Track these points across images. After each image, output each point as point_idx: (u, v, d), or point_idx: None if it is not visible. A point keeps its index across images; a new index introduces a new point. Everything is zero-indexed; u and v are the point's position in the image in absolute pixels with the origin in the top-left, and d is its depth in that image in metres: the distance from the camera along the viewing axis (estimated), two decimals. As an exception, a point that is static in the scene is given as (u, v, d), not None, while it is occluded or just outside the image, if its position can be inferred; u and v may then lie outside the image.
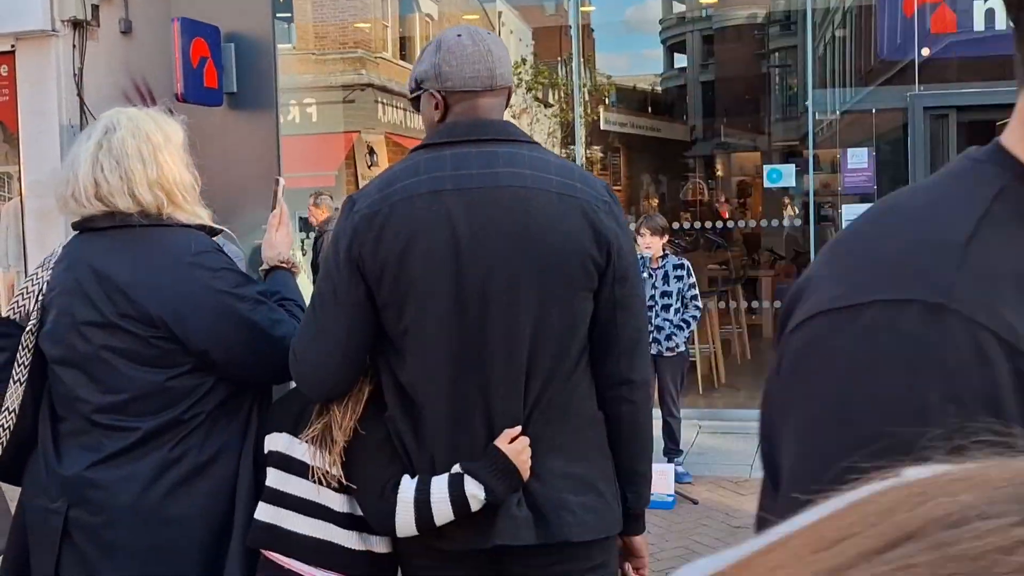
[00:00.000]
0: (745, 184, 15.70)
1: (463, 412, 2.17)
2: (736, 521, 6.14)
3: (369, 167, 11.05)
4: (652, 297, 6.80)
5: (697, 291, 6.93)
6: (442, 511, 2.16)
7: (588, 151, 14.06)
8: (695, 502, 6.48)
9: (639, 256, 6.85)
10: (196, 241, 2.48)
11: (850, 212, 8.25)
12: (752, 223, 10.99)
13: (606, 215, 2.18)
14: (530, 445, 2.16)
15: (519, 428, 2.16)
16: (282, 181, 2.75)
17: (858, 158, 8.28)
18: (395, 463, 2.24)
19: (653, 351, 6.76)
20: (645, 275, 6.72)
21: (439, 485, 2.18)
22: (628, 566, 2.44)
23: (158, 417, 2.40)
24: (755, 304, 11.85)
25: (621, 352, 2.22)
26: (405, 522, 2.19)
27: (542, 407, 2.17)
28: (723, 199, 14.73)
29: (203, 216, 2.57)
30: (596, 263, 2.15)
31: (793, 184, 8.83)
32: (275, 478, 2.38)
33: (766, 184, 8.70)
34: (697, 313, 6.90)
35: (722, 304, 10.78)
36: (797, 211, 9.76)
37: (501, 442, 2.15)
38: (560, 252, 2.13)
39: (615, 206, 2.23)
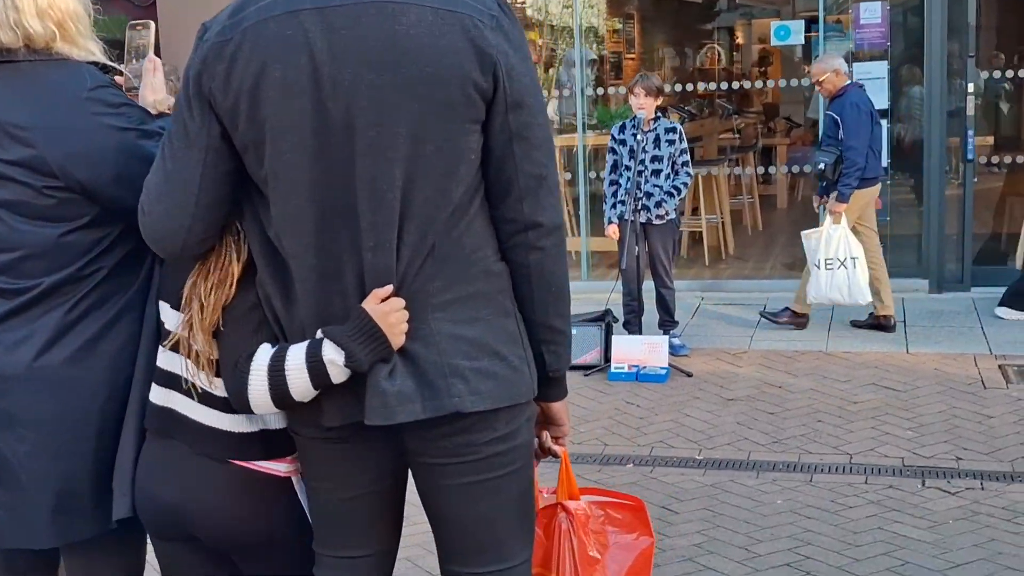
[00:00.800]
0: (766, 52, 15.12)
1: (333, 267, 1.91)
2: (729, 393, 5.91)
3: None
4: (642, 162, 6.46)
5: (688, 157, 6.57)
6: (298, 381, 1.91)
7: (594, 14, 13.52)
8: (689, 374, 6.25)
9: (632, 117, 6.51)
10: (90, 75, 2.22)
11: (861, 71, 7.81)
12: (759, 85, 10.40)
13: (492, 31, 1.87)
14: (410, 304, 1.90)
15: (390, 287, 1.90)
16: (153, 25, 2.45)
17: (871, 13, 7.79)
18: (261, 332, 1.99)
19: (643, 219, 6.47)
20: (638, 138, 6.40)
21: (296, 352, 1.92)
22: (546, 435, 2.19)
23: (53, 276, 2.17)
24: (770, 172, 11.48)
25: (523, 192, 1.94)
26: (259, 394, 1.94)
27: (422, 259, 1.90)
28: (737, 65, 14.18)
29: (96, 52, 2.30)
30: (480, 88, 1.86)
31: (802, 42, 8.35)
32: (164, 358, 2.15)
33: (773, 42, 8.22)
34: (688, 180, 6.55)
35: (736, 172, 10.41)
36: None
37: (369, 302, 1.89)
38: (435, 77, 1.83)
39: (507, 20, 1.91)
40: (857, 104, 6.75)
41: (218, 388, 2.04)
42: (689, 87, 9.55)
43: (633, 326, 6.65)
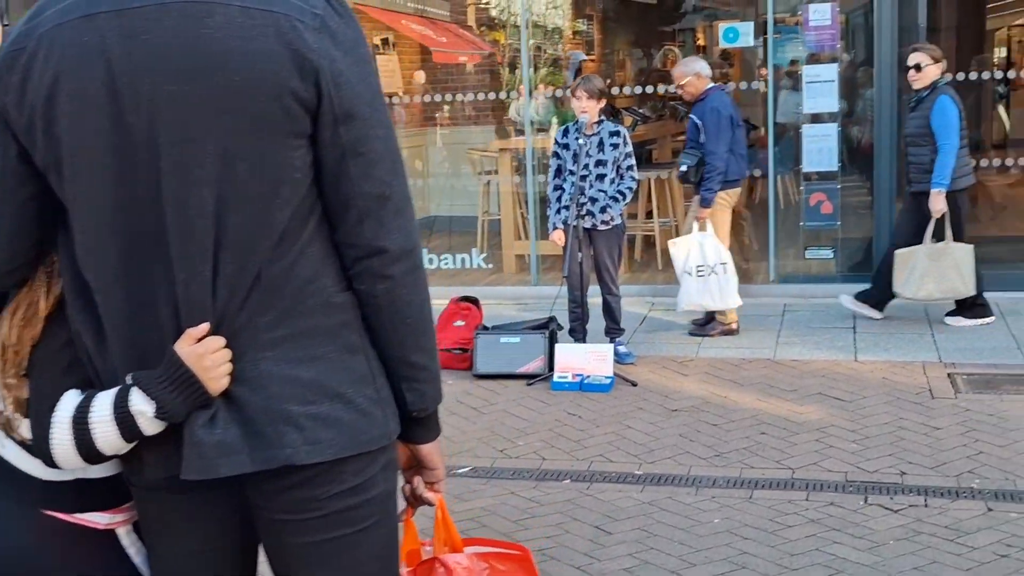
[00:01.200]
0: (728, 54, 15.05)
1: (145, 303, 1.69)
2: (673, 404, 5.76)
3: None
4: (586, 166, 6.30)
5: (633, 161, 6.41)
6: (106, 435, 1.69)
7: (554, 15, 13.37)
8: (634, 384, 6.10)
9: (575, 121, 6.36)
10: None
11: (811, 74, 7.70)
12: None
13: (314, 33, 1.65)
14: (234, 342, 1.69)
15: (206, 325, 1.68)
16: None
17: (820, 15, 7.68)
18: (73, 373, 1.77)
19: (587, 224, 6.32)
20: (581, 142, 6.24)
21: (102, 401, 1.70)
22: (418, 480, 1.98)
23: None
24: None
25: (362, 213, 1.72)
26: (63, 450, 1.72)
27: (246, 292, 1.69)
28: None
29: None
30: (300, 98, 1.64)
31: (751, 44, 8.22)
32: None
33: (722, 44, 8.10)
34: (633, 184, 6.40)
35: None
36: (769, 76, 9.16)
37: (182, 343, 1.67)
38: (247, 86, 1.61)
39: (335, 19, 1.69)
40: (717, 108, 6.73)
41: (27, 429, 1.81)
42: (649, 89, 9.41)
43: (578, 333, 6.49)
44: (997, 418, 5.30)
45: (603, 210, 6.32)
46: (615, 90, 9.48)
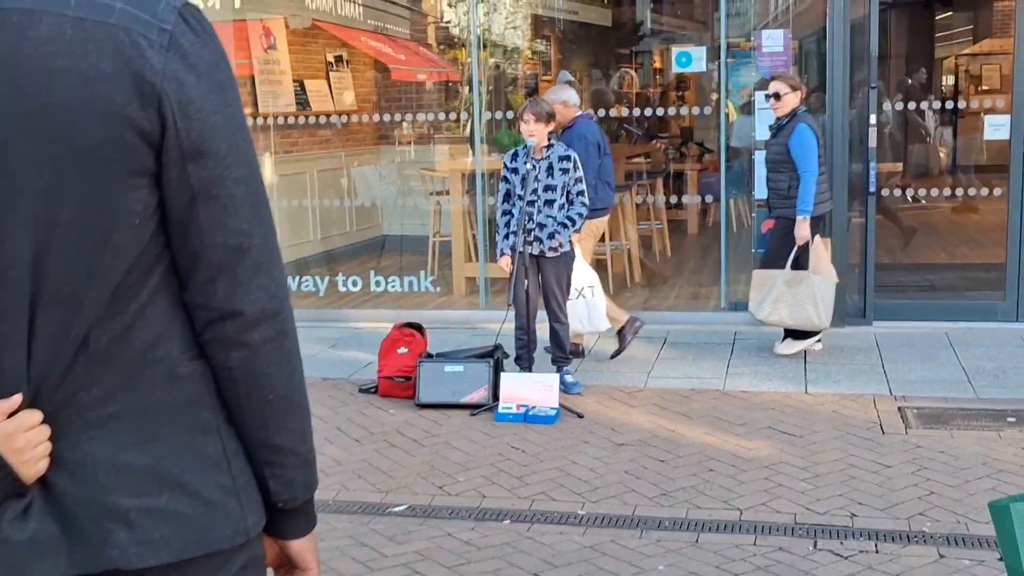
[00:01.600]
0: (685, 78, 15.02)
1: None
2: (620, 437, 5.61)
3: (266, 50, 10.17)
4: (535, 191, 6.15)
5: (584, 186, 6.27)
6: None
7: (510, 35, 13.24)
8: (580, 416, 5.94)
9: (523, 145, 6.21)
10: None
11: (762, 100, 7.61)
12: (670, 112, 10.14)
13: (160, 51, 1.39)
14: (54, 419, 1.42)
15: (18, 397, 1.40)
16: None
17: (773, 40, 7.60)
18: None
19: (535, 251, 6.16)
20: (529, 166, 6.08)
21: None
22: None
23: None
24: (683, 199, 11.27)
25: (215, 269, 1.46)
26: None
27: (69, 358, 1.42)
28: (651, 90, 14.01)
29: None
30: (140, 129, 1.38)
31: (704, 69, 8.13)
32: None
33: (675, 68, 8.00)
34: (583, 210, 6.25)
35: (640, 199, 10.17)
36: (719, 101, 9.08)
37: None
38: (74, 113, 1.35)
39: (189, 36, 1.43)
40: (584, 135, 6.77)
41: None
42: (601, 112, 9.28)
43: (524, 362, 6.33)
44: (948, 455, 5.20)
45: (551, 236, 6.17)
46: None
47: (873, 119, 7.55)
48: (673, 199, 11.29)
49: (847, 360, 6.90)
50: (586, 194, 6.29)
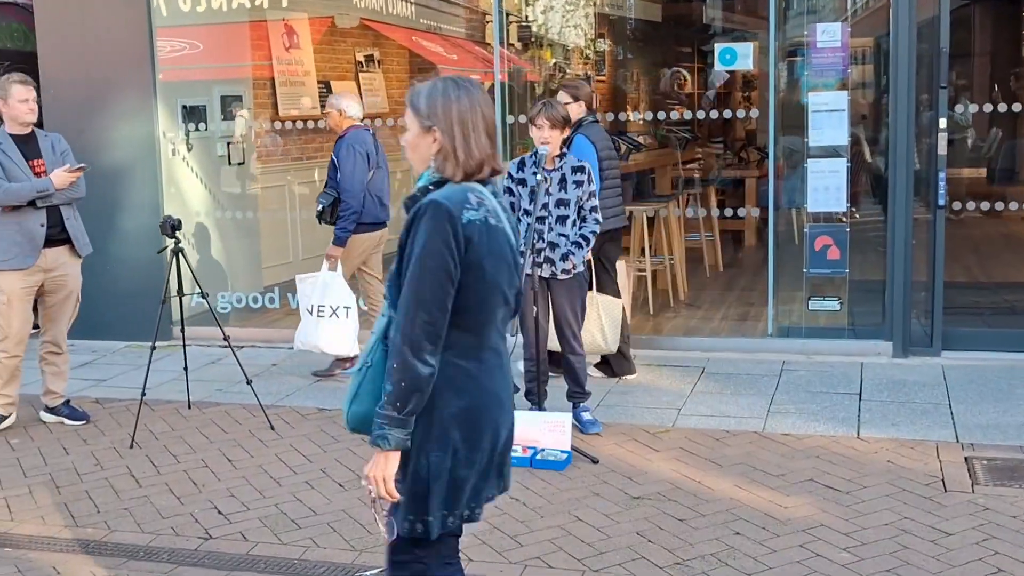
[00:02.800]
0: (751, 78, 14.20)
1: None
2: (636, 489, 4.87)
3: (287, 49, 9.58)
4: (545, 206, 5.45)
5: (597, 202, 5.55)
6: None
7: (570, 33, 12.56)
8: (595, 461, 5.22)
9: (532, 152, 5.51)
10: None
11: (816, 101, 6.82)
12: (726, 114, 9.33)
13: None
14: None
15: None
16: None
17: (829, 35, 6.79)
18: None
19: (546, 273, 5.47)
20: (540, 177, 5.38)
21: None
22: None
23: None
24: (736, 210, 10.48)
25: None
26: None
27: None
28: (707, 92, 13.19)
29: None
30: None
31: (749, 67, 7.36)
32: None
33: (717, 67, 7.24)
34: (596, 228, 5.53)
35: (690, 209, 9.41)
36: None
37: None
38: None
39: None
40: (353, 146, 6.59)
41: None
42: (650, 115, 8.57)
43: (534, 396, 5.63)
44: (1022, 521, 4.38)
45: (564, 257, 5.46)
46: (622, 115, 8.60)
47: (943, 123, 6.70)
48: (725, 209, 10.49)
49: (908, 397, 6.08)
50: (599, 210, 5.58)
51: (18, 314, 5.82)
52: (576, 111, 6.12)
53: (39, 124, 6.78)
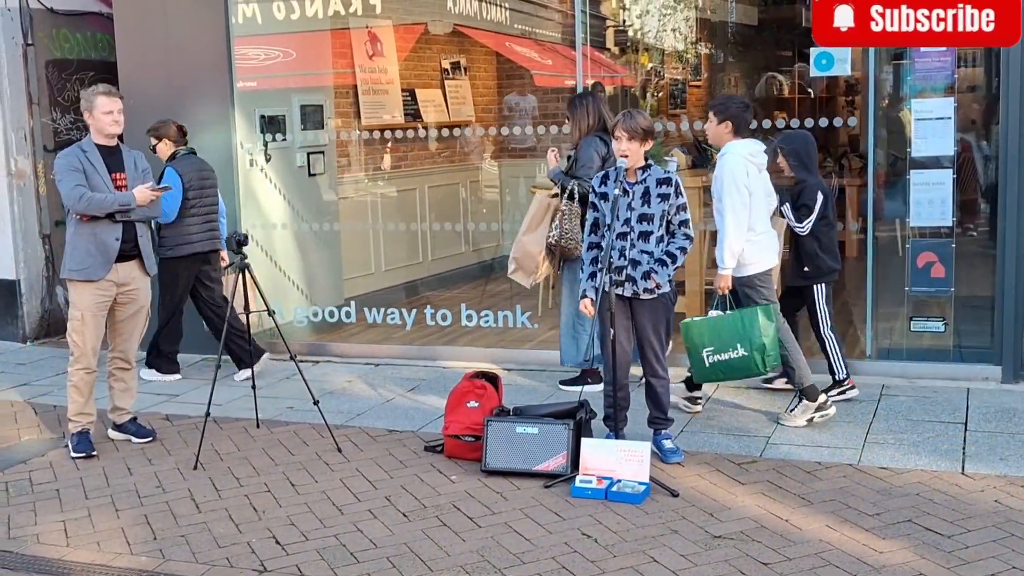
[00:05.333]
0: (855, 82, 13.65)
1: None
2: (718, 528, 4.54)
3: (370, 57, 9.42)
4: (627, 221, 5.14)
5: (688, 215, 5.23)
6: None
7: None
8: (674, 494, 4.90)
9: (614, 167, 5.22)
10: None
11: (921, 108, 6.38)
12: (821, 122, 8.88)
13: None
14: None
15: None
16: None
17: (934, 37, 6.33)
18: None
19: (628, 292, 5.16)
20: (618, 191, 5.08)
21: None
22: None
23: None
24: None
25: None
26: None
27: None
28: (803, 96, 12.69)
29: None
30: None
31: (847, 72, 6.93)
32: None
33: (813, 72, 6.82)
34: (687, 244, 5.21)
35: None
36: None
37: None
38: None
39: None
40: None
41: None
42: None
43: (613, 422, 5.33)
44: None
45: (646, 276, 5.15)
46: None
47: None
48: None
49: (1019, 428, 5.61)
50: (690, 224, 5.25)
51: (92, 330, 5.74)
52: (165, 150, 7.13)
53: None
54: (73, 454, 5.73)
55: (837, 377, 6.18)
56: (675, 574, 4.13)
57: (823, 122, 7.13)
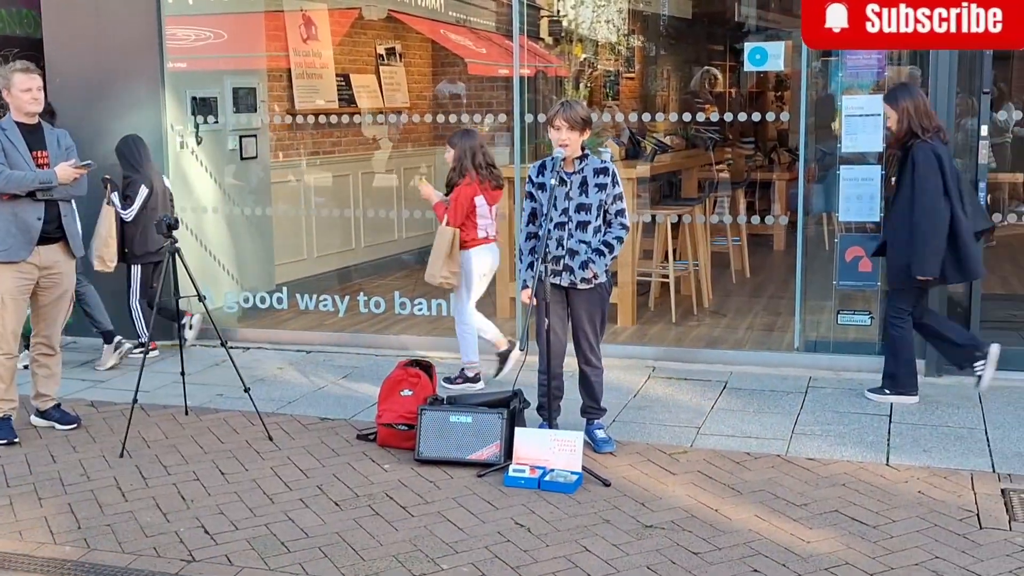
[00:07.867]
0: (785, 78, 13.81)
1: None
2: (649, 516, 4.58)
3: (305, 40, 9.31)
4: (565, 211, 5.16)
5: (624, 204, 5.25)
6: None
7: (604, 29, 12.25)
8: (606, 483, 4.93)
9: (550, 157, 5.22)
10: None
11: (851, 104, 6.48)
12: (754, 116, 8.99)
13: None
14: None
15: None
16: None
17: (865, 35, 6.42)
18: None
19: (565, 281, 5.18)
20: (554, 181, 5.09)
21: None
22: None
23: None
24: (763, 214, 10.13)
25: None
26: None
27: None
28: (734, 92, 12.86)
29: None
30: None
31: (780, 68, 7.02)
32: None
33: (747, 67, 6.89)
34: (623, 233, 5.24)
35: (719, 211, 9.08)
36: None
37: None
38: None
39: None
40: None
41: None
42: (687, 116, 8.25)
43: (547, 411, 5.34)
44: (1064, 565, 4.06)
45: (584, 265, 5.17)
46: (646, 116, 8.28)
47: (984, 130, 6.35)
48: (747, 213, 10.16)
49: (942, 420, 5.75)
50: (626, 214, 5.28)
51: (12, 314, 5.60)
52: None
53: (50, 112, 6.58)
54: (-6, 441, 5.61)
55: (142, 340, 7.16)
56: (607, 563, 4.16)
57: (755, 116, 7.22)
